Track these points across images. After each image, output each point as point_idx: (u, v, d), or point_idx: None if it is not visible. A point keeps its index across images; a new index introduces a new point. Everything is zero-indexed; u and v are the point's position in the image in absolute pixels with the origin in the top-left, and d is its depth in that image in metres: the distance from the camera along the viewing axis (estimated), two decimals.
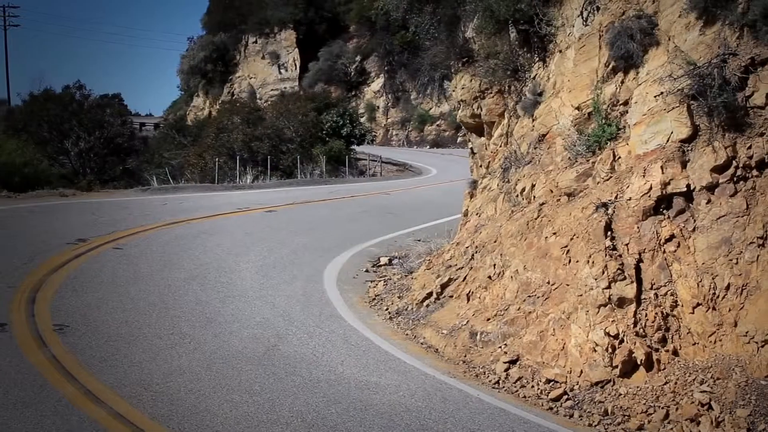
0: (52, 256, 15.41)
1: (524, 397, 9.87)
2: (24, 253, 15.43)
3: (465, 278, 13.16)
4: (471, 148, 17.61)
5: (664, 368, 9.68)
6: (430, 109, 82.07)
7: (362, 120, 70.15)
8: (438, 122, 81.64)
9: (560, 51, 13.74)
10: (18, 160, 31.64)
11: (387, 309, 13.78)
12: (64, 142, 38.70)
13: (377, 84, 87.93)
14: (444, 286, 13.46)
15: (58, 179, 34.22)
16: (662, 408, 9.21)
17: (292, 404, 8.71)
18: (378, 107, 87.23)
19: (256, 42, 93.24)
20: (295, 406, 8.68)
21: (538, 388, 10.01)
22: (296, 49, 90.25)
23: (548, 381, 10.06)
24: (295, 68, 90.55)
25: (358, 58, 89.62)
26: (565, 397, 9.79)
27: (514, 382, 10.23)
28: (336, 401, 8.94)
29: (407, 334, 12.40)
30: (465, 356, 11.16)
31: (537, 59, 14.50)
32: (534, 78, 14.48)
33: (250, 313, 12.55)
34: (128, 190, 32.07)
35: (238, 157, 43.52)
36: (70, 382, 8.74)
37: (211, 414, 8.20)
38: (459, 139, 70.41)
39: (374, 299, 14.45)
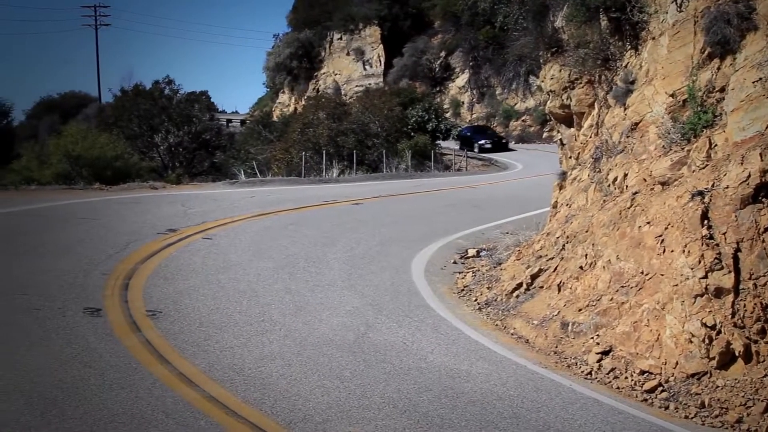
0: (143, 245, 15.63)
1: (618, 388, 9.69)
2: (117, 242, 15.67)
3: (555, 269, 12.99)
4: (560, 140, 17.39)
5: (764, 360, 9.42)
6: (516, 104, 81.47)
7: (447, 116, 69.91)
8: (523, 117, 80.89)
9: (653, 38, 13.47)
10: (110, 154, 32.27)
11: (476, 300, 13.68)
12: (154, 137, 39.37)
13: (462, 80, 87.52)
14: (534, 277, 13.30)
15: (148, 173, 34.79)
16: (762, 401, 8.96)
17: (383, 391, 8.68)
18: (463, 103, 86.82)
19: (341, 38, 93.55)
20: (387, 392, 8.65)
21: (632, 380, 9.83)
22: (381, 45, 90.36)
23: (642, 372, 9.87)
24: (380, 64, 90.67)
25: (442, 53, 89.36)
26: (660, 388, 9.58)
27: (607, 373, 10.06)
28: (427, 389, 8.88)
29: (497, 325, 12.29)
30: (556, 347, 11.01)
31: (629, 47, 14.24)
32: (626, 66, 14.23)
33: (339, 302, 12.56)
34: (216, 183, 32.38)
35: (323, 152, 43.71)
36: (164, 365, 8.83)
37: (303, 399, 8.21)
38: (544, 135, 69.69)
39: (463, 290, 14.35)
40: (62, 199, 22.76)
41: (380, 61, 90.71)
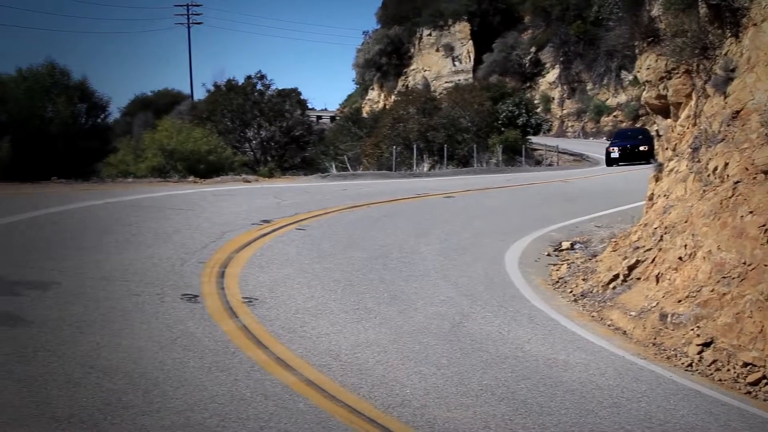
0: (238, 235, 15.78)
1: (720, 380, 9.49)
2: (212, 232, 15.85)
3: (653, 260, 12.77)
4: (656, 131, 17.11)
5: None
6: (607, 99, 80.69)
7: (537, 111, 69.45)
8: (615, 113, 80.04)
9: (755, 24, 13.13)
10: (203, 147, 32.69)
11: (571, 291, 13.53)
12: (246, 132, 39.79)
13: (552, 75, 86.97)
14: (631, 268, 13.11)
15: (240, 167, 35.13)
16: None
17: (480, 378, 8.63)
18: (553, 98, 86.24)
19: (430, 34, 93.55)
20: (484, 380, 8.59)
21: (735, 372, 9.61)
22: (470, 41, 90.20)
23: (745, 364, 9.64)
24: (470, 60, 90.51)
25: (532, 49, 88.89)
26: (764, 381, 9.36)
27: (709, 365, 9.85)
28: (525, 377, 8.81)
29: (593, 316, 12.14)
30: (655, 338, 10.82)
31: (729, 34, 13.91)
32: (725, 54, 13.90)
33: (434, 292, 12.53)
34: (308, 177, 32.68)
35: (414, 147, 43.73)
36: (261, 350, 8.90)
37: (400, 384, 8.20)
38: None
39: (557, 282, 14.21)
40: (158, 190, 23.13)
41: (470, 56, 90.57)
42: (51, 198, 20.05)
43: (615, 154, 48.27)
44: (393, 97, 77.95)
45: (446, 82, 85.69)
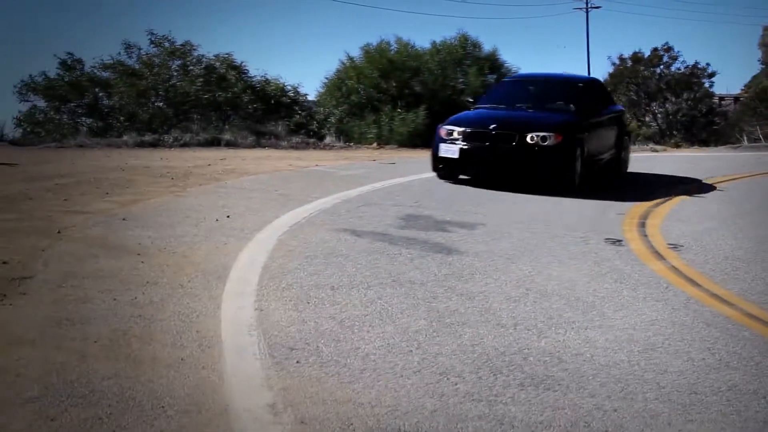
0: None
1: None
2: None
3: None
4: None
5: None
6: None
7: None
8: None
9: None
10: None
11: None
12: (651, 105, 39.23)
13: None
14: None
15: (645, 140, 34.71)
16: None
17: None
18: None
19: None
20: None
21: None
22: None
23: None
24: None
25: None
26: None
27: None
28: None
29: None
30: None
31: None
32: None
33: None
34: (718, 147, 31.72)
35: None
36: (694, 287, 8.67)
37: None
38: None
39: None
40: None
41: None
42: None
43: (449, 152, 16.20)
44: None
45: None
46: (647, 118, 39.74)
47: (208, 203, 12.70)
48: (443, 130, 16.20)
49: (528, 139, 15.18)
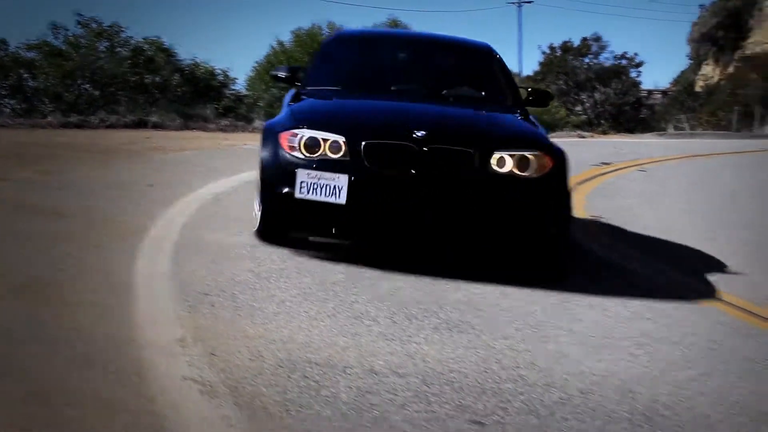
0: (582, 172, 15.85)
1: None
2: None
3: None
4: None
5: None
6: None
7: None
8: None
9: None
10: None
11: None
12: (580, 94, 39.67)
13: None
14: None
15: (573, 128, 35.12)
16: None
17: None
18: None
19: None
20: None
21: None
22: None
23: None
24: None
25: None
26: None
27: None
28: None
29: None
30: None
31: None
32: None
33: None
34: (644, 134, 32.37)
35: (754, 112, 42.03)
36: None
37: None
38: None
39: None
40: None
41: None
42: None
43: (325, 193, 6.79)
44: (731, 69, 74.67)
45: None
46: (577, 108, 40.16)
47: (134, 174, 12.57)
48: (296, 139, 7.09)
49: (494, 163, 7.07)
